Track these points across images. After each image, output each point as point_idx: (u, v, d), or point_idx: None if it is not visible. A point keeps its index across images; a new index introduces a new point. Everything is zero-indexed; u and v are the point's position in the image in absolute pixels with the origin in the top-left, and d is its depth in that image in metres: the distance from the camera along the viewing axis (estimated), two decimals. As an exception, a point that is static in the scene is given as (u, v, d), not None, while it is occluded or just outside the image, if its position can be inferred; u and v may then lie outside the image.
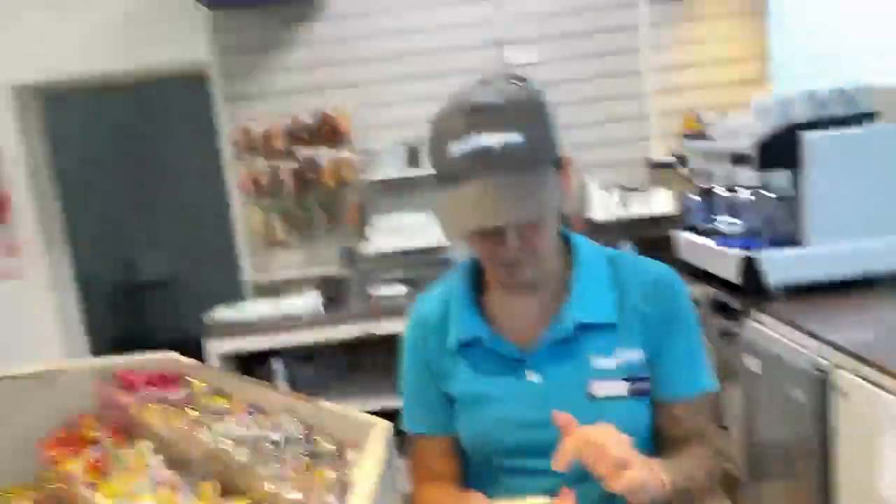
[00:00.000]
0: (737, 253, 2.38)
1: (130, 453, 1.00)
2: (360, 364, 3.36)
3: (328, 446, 0.82)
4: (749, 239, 2.48)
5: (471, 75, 3.31)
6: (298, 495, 0.73)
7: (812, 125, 2.26)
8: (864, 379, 1.69)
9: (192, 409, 0.97)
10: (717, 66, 3.38)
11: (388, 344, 3.06)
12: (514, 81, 0.87)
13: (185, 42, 3.37)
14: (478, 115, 0.82)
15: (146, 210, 5.55)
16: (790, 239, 2.33)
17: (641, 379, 0.92)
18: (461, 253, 3.44)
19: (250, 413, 0.94)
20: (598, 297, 0.93)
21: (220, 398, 1.01)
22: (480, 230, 0.84)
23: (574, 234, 1.01)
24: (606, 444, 0.75)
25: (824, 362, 1.85)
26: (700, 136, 3.17)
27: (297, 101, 3.38)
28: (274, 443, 0.83)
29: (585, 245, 0.99)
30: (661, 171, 3.35)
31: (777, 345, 2.10)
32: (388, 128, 3.41)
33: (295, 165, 3.33)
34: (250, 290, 3.52)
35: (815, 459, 1.89)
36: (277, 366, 3.18)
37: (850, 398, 1.75)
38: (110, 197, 5.47)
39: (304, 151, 3.33)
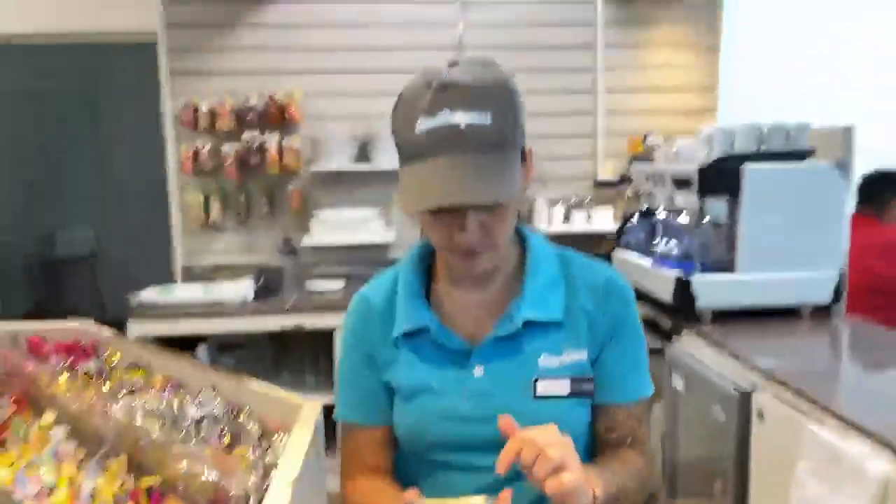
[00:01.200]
0: (671, 274, 2.43)
1: (33, 424, 0.93)
2: (287, 358, 3.27)
3: (252, 426, 0.78)
4: (684, 262, 2.54)
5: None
6: (214, 475, 0.69)
7: (752, 157, 2.35)
8: (781, 401, 1.76)
9: (106, 381, 0.91)
10: (668, 93, 3.48)
11: (319, 340, 3.02)
12: (484, 64, 0.86)
13: (134, 10, 3.23)
14: (447, 93, 0.81)
15: (73, 181, 5.27)
16: (723, 265, 2.40)
17: (585, 380, 0.91)
18: (404, 252, 3.42)
19: (168, 390, 0.88)
20: (549, 296, 0.93)
21: (138, 372, 0.95)
22: (444, 207, 0.81)
23: (528, 230, 1.00)
24: (547, 446, 0.74)
25: (745, 384, 1.92)
26: (646, 158, 3.26)
27: (247, 83, 3.28)
28: (194, 420, 0.78)
29: (539, 241, 0.98)
30: (606, 189, 3.42)
31: (702, 365, 2.15)
32: (338, 119, 3.35)
33: (239, 148, 3.22)
34: (180, 274, 3.38)
35: (731, 478, 1.94)
36: (201, 353, 3.07)
37: (766, 420, 1.81)
38: (31, 165, 5.17)
39: (251, 135, 3.23)
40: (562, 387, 0.89)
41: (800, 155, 2.39)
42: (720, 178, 2.35)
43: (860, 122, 2.44)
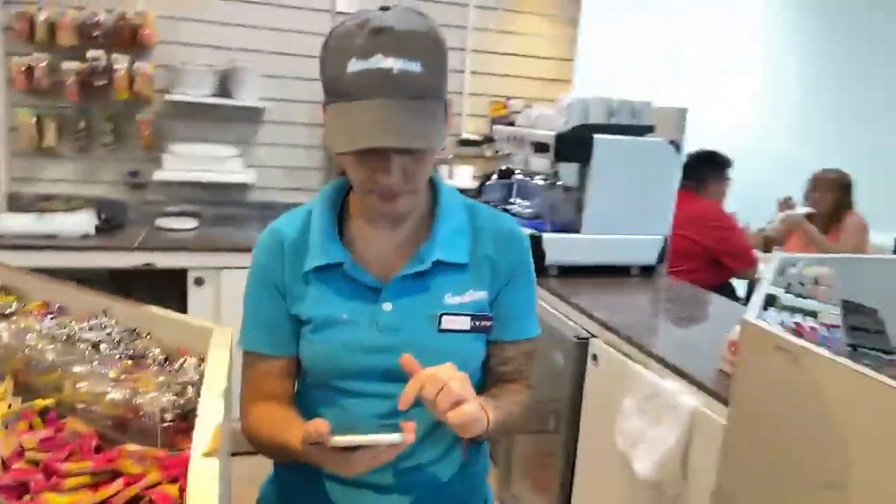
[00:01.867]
0: (525, 232, 2.62)
1: None
2: (132, 298, 3.09)
3: (155, 350, 0.78)
4: (537, 220, 2.75)
5: (295, 12, 3.18)
6: (122, 394, 0.68)
7: (603, 128, 2.57)
8: (613, 347, 2.00)
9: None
10: (531, 60, 3.65)
11: (167, 280, 2.88)
12: (416, 13, 0.89)
13: None
14: (381, 37, 0.83)
15: None
16: (570, 225, 2.63)
17: (485, 318, 0.99)
18: (264, 195, 3.33)
19: (50, 314, 0.84)
20: (456, 240, 0.99)
21: (9, 297, 0.89)
22: (375, 149, 0.84)
23: (439, 179, 1.05)
24: (449, 380, 0.82)
25: (584, 332, 2.15)
26: (507, 121, 3.42)
27: (94, -5, 2.98)
28: (90, 343, 0.76)
29: (449, 191, 1.05)
30: (468, 147, 3.55)
31: (548, 314, 2.37)
32: (196, 48, 3.15)
33: (83, 68, 2.93)
34: (5, 201, 3.04)
35: (566, 416, 2.18)
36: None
37: (599, 363, 2.05)
38: None
39: (96, 54, 2.94)
40: (463, 323, 0.96)
41: (642, 130, 2.65)
42: (574, 145, 2.55)
43: (694, 101, 2.76)
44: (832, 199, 3.40)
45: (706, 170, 3.29)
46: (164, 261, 2.79)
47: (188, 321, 0.83)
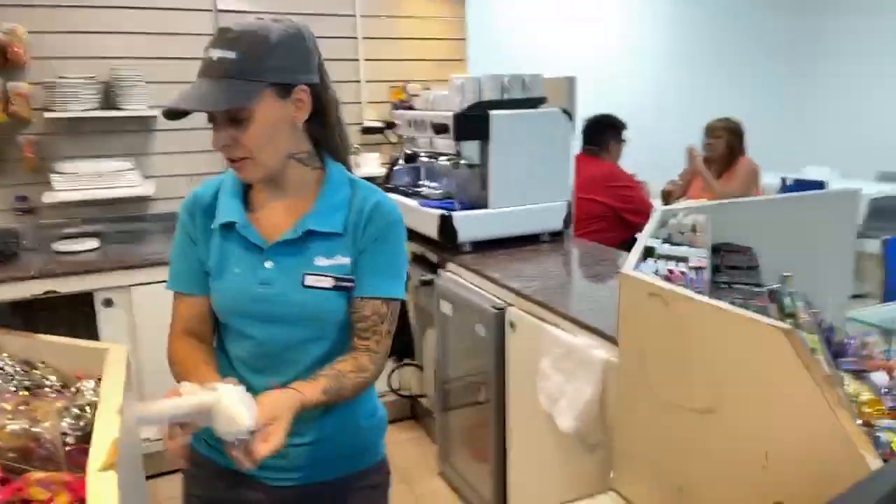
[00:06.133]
0: (436, 213, 2.67)
1: None
2: (39, 329, 2.94)
3: (51, 378, 0.77)
4: (446, 201, 2.81)
5: (176, 13, 3.11)
6: (21, 424, 0.68)
7: (497, 104, 2.64)
8: (528, 313, 2.09)
9: None
10: (423, 42, 3.68)
11: (76, 305, 2.77)
12: (273, 20, 1.08)
13: None
14: (218, 35, 1.06)
15: None
16: (478, 201, 2.71)
17: (346, 279, 1.16)
18: (166, 206, 3.22)
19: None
20: (334, 213, 1.16)
21: None
22: (179, 109, 1.05)
23: (333, 162, 1.22)
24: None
25: (500, 302, 2.23)
26: (407, 106, 3.44)
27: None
28: None
29: (336, 169, 1.22)
30: (372, 135, 3.56)
31: (465, 289, 2.44)
32: (74, 60, 3.00)
33: (-51, 92, 2.75)
34: None
35: (493, 385, 2.27)
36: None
37: (517, 329, 2.14)
38: None
39: (-38, 77, 2.76)
40: (326, 282, 1.14)
41: (535, 102, 2.74)
42: (472, 123, 2.61)
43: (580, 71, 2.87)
44: (725, 145, 3.61)
45: (604, 133, 3.44)
46: (67, 286, 2.67)
47: (81, 345, 0.83)
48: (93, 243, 2.97)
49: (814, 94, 6.63)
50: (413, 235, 2.93)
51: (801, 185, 4.99)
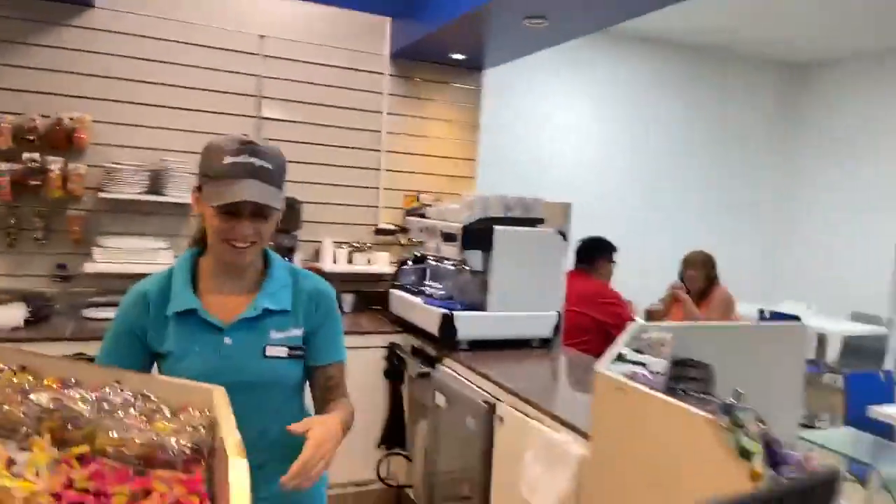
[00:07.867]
0: (438, 311, 2.95)
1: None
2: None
3: (163, 407, 1.01)
4: (448, 301, 3.09)
5: (223, 117, 3.62)
6: (148, 437, 0.91)
7: (501, 220, 2.99)
8: (516, 409, 2.32)
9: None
10: (439, 159, 4.11)
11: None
12: (265, 140, 1.42)
13: None
14: (248, 146, 1.31)
15: None
16: (478, 304, 2.99)
17: (299, 348, 1.42)
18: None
19: (68, 387, 1.06)
20: (282, 293, 1.42)
21: (26, 374, 1.09)
22: (241, 203, 1.27)
23: (269, 250, 1.47)
24: (326, 454, 1.22)
25: (491, 398, 2.46)
26: (419, 213, 3.81)
27: (31, 102, 3.19)
28: (114, 405, 0.99)
29: (276, 257, 1.49)
30: (385, 236, 3.90)
31: (460, 384, 2.68)
32: (126, 149, 3.38)
33: (18, 168, 3.09)
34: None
35: (479, 476, 2.45)
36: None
37: (505, 423, 2.36)
38: None
39: (30, 155, 3.12)
40: (282, 351, 1.39)
41: (534, 222, 3.09)
42: (478, 235, 2.95)
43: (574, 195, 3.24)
44: (703, 275, 3.96)
45: (596, 254, 3.76)
46: (95, 350, 2.89)
47: (188, 385, 1.07)
48: (119, 313, 3.22)
49: (798, 233, 7.09)
50: (414, 330, 3.21)
51: (778, 317, 5.29)
